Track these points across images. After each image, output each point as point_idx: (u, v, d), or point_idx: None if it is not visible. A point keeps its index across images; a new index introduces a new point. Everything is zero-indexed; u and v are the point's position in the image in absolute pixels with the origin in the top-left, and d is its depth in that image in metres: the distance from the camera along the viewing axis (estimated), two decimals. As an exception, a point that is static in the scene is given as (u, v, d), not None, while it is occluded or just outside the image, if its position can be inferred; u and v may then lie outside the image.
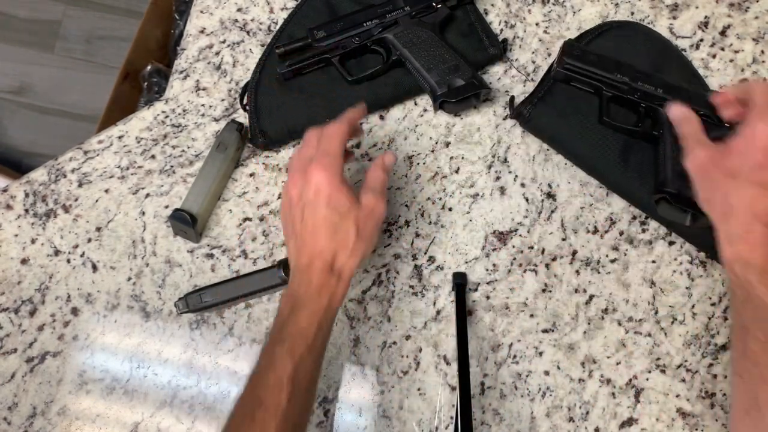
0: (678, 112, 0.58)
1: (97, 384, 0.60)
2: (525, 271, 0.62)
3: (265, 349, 0.48)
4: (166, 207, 0.64)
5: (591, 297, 0.62)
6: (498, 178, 0.65)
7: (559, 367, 0.60)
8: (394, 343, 0.61)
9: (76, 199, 0.64)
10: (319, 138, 0.52)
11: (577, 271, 0.62)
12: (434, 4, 0.65)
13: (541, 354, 0.60)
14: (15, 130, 1.48)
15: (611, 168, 0.63)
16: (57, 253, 0.63)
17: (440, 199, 0.65)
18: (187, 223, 0.60)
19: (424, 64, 0.63)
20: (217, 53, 0.69)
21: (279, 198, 0.65)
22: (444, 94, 0.62)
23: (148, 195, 0.64)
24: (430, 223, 0.64)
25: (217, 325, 0.61)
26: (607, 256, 0.63)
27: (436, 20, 0.65)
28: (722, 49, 0.70)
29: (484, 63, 0.68)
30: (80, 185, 0.65)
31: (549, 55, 0.69)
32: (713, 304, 0.62)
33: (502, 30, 0.70)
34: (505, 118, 0.67)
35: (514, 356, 0.60)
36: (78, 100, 1.50)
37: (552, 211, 0.64)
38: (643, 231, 0.64)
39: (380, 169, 0.54)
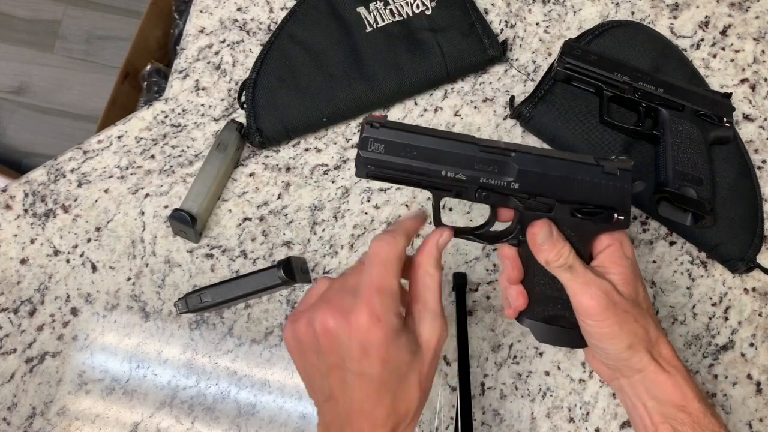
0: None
1: (97, 384, 0.59)
2: (525, 271, 0.62)
3: None
4: (166, 207, 0.64)
5: (591, 297, 0.62)
6: (498, 178, 0.65)
7: (559, 368, 0.60)
8: (394, 343, 0.61)
9: (75, 199, 0.64)
10: (366, 260, 0.38)
11: (578, 271, 0.62)
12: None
13: (541, 354, 0.60)
14: (14, 130, 1.48)
15: (612, 168, 0.63)
16: (56, 253, 0.63)
17: (440, 199, 0.65)
18: (187, 223, 0.59)
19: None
20: (217, 53, 0.69)
21: (279, 198, 0.65)
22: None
23: (147, 195, 0.64)
24: (430, 223, 0.64)
25: (217, 326, 0.61)
26: (607, 256, 0.63)
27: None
28: (723, 49, 0.70)
29: (483, 64, 0.67)
30: (80, 185, 0.65)
31: (549, 54, 0.69)
32: (714, 305, 0.62)
33: (502, 29, 0.70)
34: (505, 118, 0.67)
35: (515, 356, 0.60)
36: (78, 100, 1.50)
37: (552, 211, 0.64)
38: (644, 231, 0.64)
39: (433, 262, 0.41)
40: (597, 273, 0.43)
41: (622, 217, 0.45)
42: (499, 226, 0.47)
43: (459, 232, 0.47)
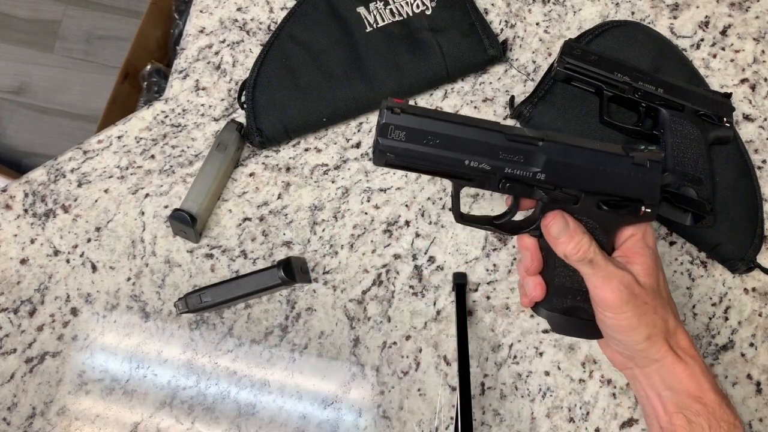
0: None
1: (97, 384, 0.59)
2: (525, 271, 0.62)
3: None
4: (166, 207, 0.64)
5: (591, 297, 0.62)
6: (498, 178, 0.65)
7: (559, 368, 0.60)
8: (394, 343, 0.61)
9: (75, 199, 0.64)
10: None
11: (578, 271, 0.62)
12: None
13: (541, 354, 0.60)
14: (14, 130, 1.47)
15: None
16: (56, 253, 0.63)
17: (440, 199, 0.65)
18: (187, 223, 0.59)
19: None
20: (217, 53, 0.69)
21: (279, 198, 0.65)
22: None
23: (147, 195, 0.64)
24: (430, 223, 0.64)
25: (217, 326, 0.61)
26: (607, 256, 0.63)
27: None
28: (723, 49, 0.70)
29: (483, 64, 0.67)
30: (80, 185, 0.65)
31: (549, 54, 0.69)
32: (714, 305, 0.62)
33: (502, 29, 0.70)
34: (505, 118, 0.67)
35: (515, 356, 0.60)
36: (78, 100, 1.50)
37: (552, 211, 0.64)
38: (644, 231, 0.64)
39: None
40: (618, 264, 0.43)
41: (650, 210, 0.43)
42: (518, 216, 0.46)
43: (476, 222, 0.45)
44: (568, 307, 0.45)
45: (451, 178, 0.44)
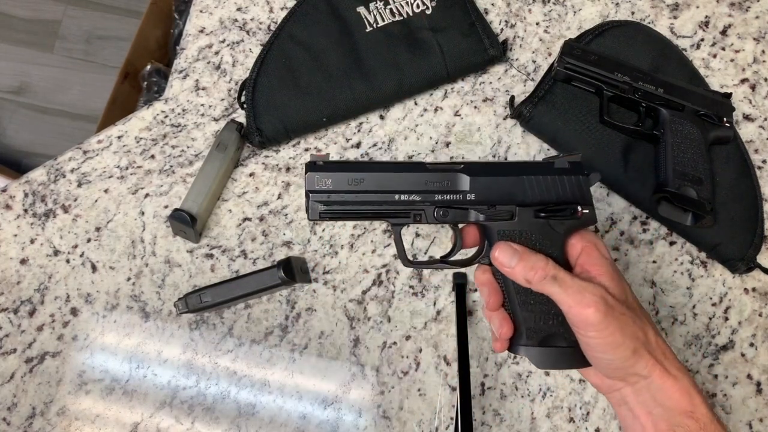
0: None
1: (97, 384, 0.59)
2: (525, 271, 0.62)
3: None
4: (166, 207, 0.64)
5: (591, 297, 0.62)
6: (498, 178, 0.65)
7: (559, 368, 0.60)
8: (394, 343, 0.61)
9: (75, 199, 0.64)
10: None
11: (578, 271, 0.62)
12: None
13: (541, 354, 0.60)
14: (14, 130, 1.47)
15: (612, 168, 0.63)
16: (56, 253, 0.63)
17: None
18: (187, 223, 0.59)
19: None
20: (217, 53, 0.69)
21: (279, 198, 0.65)
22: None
23: (147, 195, 0.64)
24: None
25: (217, 326, 0.61)
26: (607, 256, 0.63)
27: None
28: (723, 49, 0.70)
29: (483, 64, 0.67)
30: (79, 185, 0.65)
31: (549, 54, 0.69)
32: (714, 305, 0.62)
33: (502, 29, 0.70)
34: (505, 118, 0.67)
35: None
36: (78, 100, 1.50)
37: (552, 211, 0.64)
38: (644, 231, 0.64)
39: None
40: (584, 278, 0.41)
41: (587, 210, 0.44)
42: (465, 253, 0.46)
43: (428, 264, 0.46)
44: (543, 336, 0.43)
45: (386, 218, 0.45)
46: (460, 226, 0.47)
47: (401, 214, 0.44)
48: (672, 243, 0.64)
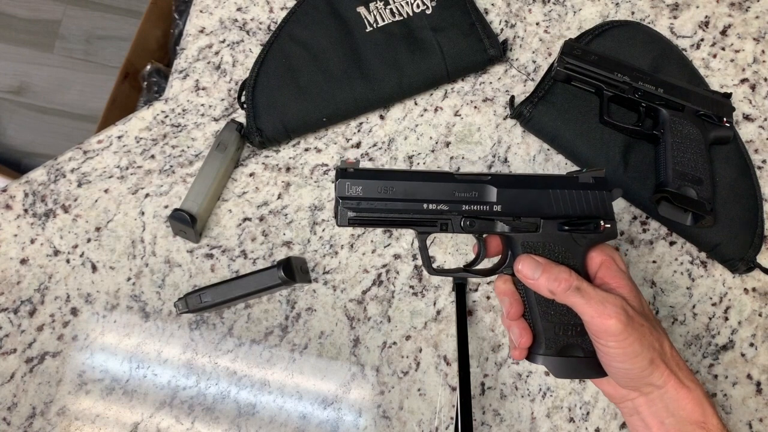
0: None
1: (97, 384, 0.59)
2: (525, 271, 0.62)
3: None
4: (166, 207, 0.64)
5: (591, 297, 0.62)
6: (498, 178, 0.65)
7: (559, 368, 0.60)
8: (394, 343, 0.61)
9: (75, 199, 0.64)
10: None
11: (578, 271, 0.62)
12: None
13: (541, 354, 0.60)
14: (14, 130, 1.47)
15: (612, 168, 0.63)
16: (56, 253, 0.63)
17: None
18: (187, 223, 0.59)
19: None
20: (217, 53, 0.69)
21: (279, 198, 0.65)
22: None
23: (147, 195, 0.64)
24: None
25: (217, 326, 0.61)
26: (607, 256, 0.63)
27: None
28: (723, 49, 0.70)
29: (483, 64, 0.67)
30: (80, 185, 0.65)
31: (549, 54, 0.69)
32: (714, 305, 0.62)
33: (502, 29, 0.70)
34: (505, 118, 0.67)
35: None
36: (78, 100, 1.50)
37: (552, 211, 0.64)
38: (644, 231, 0.64)
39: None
40: (606, 290, 0.42)
41: (609, 225, 0.44)
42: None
43: (452, 272, 0.46)
44: (562, 346, 0.44)
45: (413, 226, 0.45)
46: (484, 235, 0.47)
47: (428, 223, 0.45)
48: (672, 243, 0.64)
